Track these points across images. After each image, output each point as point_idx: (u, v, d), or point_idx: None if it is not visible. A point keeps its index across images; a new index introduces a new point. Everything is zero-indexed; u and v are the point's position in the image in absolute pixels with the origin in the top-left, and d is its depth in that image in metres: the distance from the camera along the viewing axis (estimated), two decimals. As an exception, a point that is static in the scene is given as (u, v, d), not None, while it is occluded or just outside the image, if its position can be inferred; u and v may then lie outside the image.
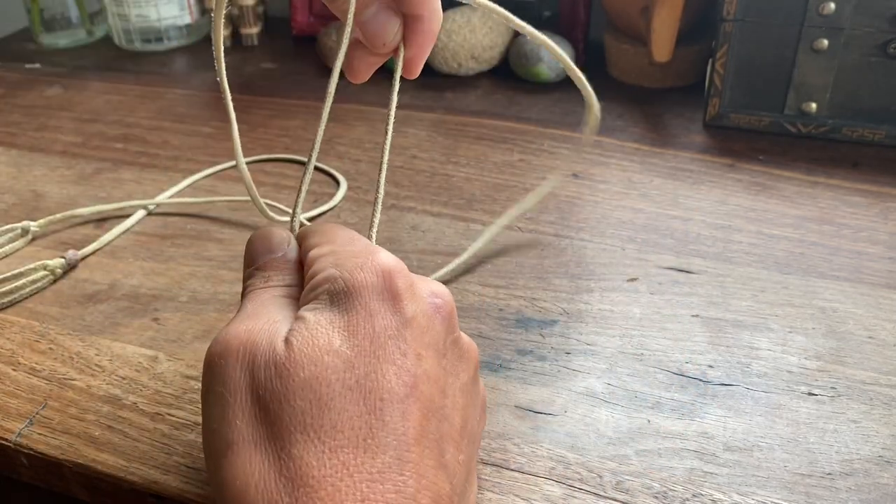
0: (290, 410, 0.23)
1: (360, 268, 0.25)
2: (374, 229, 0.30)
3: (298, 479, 0.21)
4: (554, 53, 0.35)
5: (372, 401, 0.23)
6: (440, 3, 0.30)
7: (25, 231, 0.47)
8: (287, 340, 0.24)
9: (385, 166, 0.31)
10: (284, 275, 0.28)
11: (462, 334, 0.27)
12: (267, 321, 0.25)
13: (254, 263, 0.29)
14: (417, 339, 0.24)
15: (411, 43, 0.30)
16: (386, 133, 0.31)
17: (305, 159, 0.56)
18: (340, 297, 0.25)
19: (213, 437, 0.24)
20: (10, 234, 0.47)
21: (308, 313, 0.25)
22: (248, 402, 0.23)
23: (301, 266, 0.29)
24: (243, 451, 0.23)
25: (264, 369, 0.24)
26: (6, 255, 0.46)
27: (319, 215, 0.49)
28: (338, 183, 0.53)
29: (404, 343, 0.24)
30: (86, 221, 0.49)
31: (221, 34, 0.31)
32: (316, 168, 0.55)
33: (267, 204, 0.48)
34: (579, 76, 0.38)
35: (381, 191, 0.31)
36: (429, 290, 0.26)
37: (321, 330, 0.24)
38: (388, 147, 0.31)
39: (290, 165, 0.56)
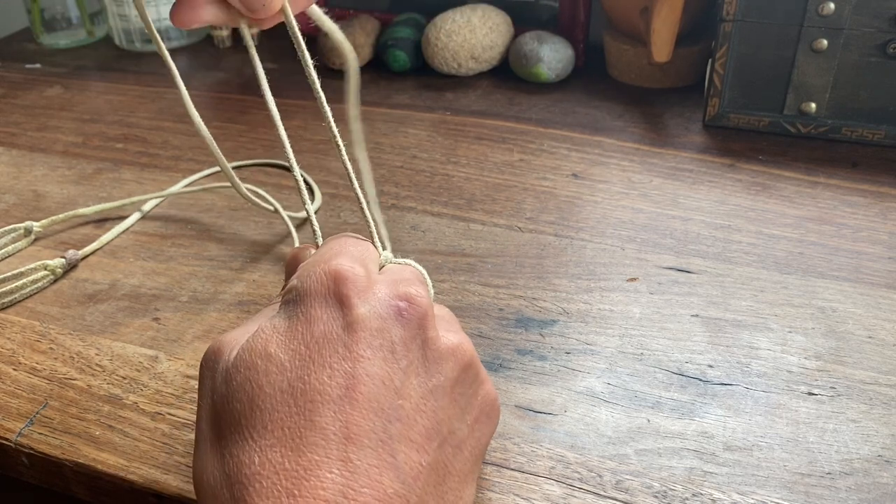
0: (230, 411, 0.24)
1: (310, 275, 0.26)
2: (380, 229, 0.31)
3: (234, 476, 0.23)
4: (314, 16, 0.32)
5: (302, 402, 0.24)
6: None
7: (28, 231, 0.47)
8: (240, 347, 0.26)
9: (338, 140, 0.32)
10: None
11: (443, 337, 0.27)
12: (245, 330, 0.27)
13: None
14: (362, 342, 0.25)
15: None
16: (323, 106, 0.31)
17: (300, 165, 0.56)
18: (290, 304, 0.26)
19: (194, 435, 0.26)
20: (13, 234, 0.47)
21: (265, 321, 0.26)
22: (209, 404, 0.26)
23: None
24: (202, 449, 0.25)
25: (219, 374, 0.26)
26: (8, 256, 0.46)
27: (301, 224, 0.49)
28: (312, 193, 0.51)
29: (343, 346, 0.25)
30: (87, 222, 0.49)
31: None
32: (292, 172, 0.54)
33: (257, 194, 0.48)
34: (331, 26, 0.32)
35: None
36: (395, 293, 0.26)
37: (262, 336, 0.25)
38: (330, 119, 0.32)
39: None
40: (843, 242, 0.45)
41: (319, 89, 0.31)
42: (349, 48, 0.31)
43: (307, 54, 0.30)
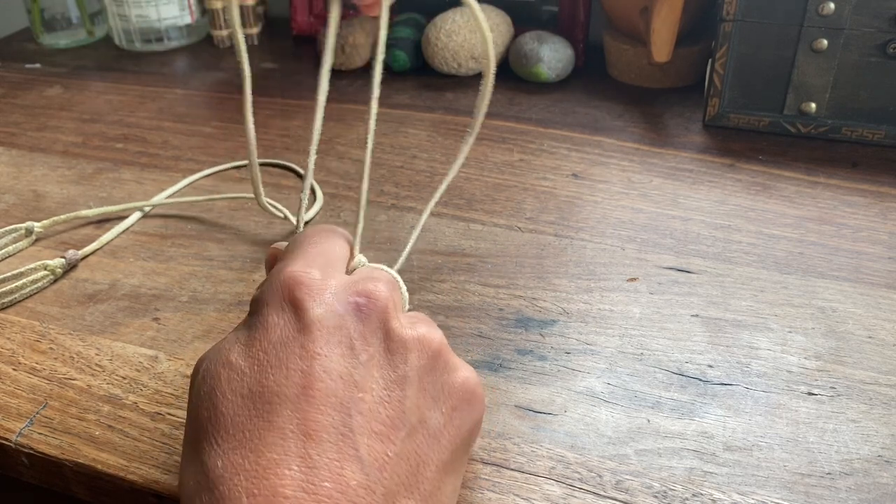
0: (199, 420, 0.25)
1: (267, 285, 0.27)
2: (360, 226, 0.32)
3: (203, 482, 0.24)
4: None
5: (261, 405, 0.24)
6: None
7: (30, 231, 0.47)
8: (206, 360, 0.27)
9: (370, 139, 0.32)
10: None
11: (407, 328, 0.27)
12: (218, 345, 0.28)
13: None
14: (319, 340, 0.25)
15: None
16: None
17: (294, 165, 0.56)
18: (252, 315, 0.27)
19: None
20: (14, 235, 0.47)
21: (231, 333, 0.27)
22: (189, 415, 0.27)
23: None
24: (183, 459, 0.26)
25: (194, 387, 0.27)
26: (9, 256, 0.46)
27: (308, 223, 0.49)
28: (314, 194, 0.51)
29: (299, 347, 0.25)
30: (89, 222, 0.49)
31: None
32: (299, 176, 0.55)
33: (269, 203, 0.48)
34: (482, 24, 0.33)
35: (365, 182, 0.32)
36: (352, 290, 0.27)
37: (225, 346, 0.26)
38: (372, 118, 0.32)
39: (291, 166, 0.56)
40: (843, 242, 0.45)
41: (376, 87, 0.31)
42: (492, 51, 0.31)
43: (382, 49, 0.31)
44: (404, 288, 0.31)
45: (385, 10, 0.30)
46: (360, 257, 0.31)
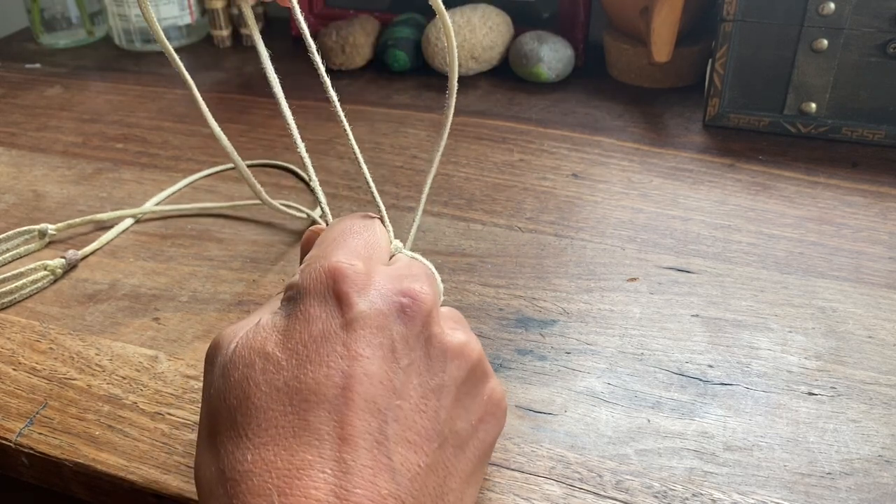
0: (226, 408, 0.24)
1: (309, 273, 0.26)
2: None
3: (228, 473, 0.23)
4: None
5: (297, 402, 0.24)
6: None
7: (43, 234, 0.47)
8: (238, 343, 0.26)
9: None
10: None
11: (448, 334, 0.26)
12: (246, 323, 0.27)
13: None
14: (361, 340, 0.24)
15: None
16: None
17: (293, 166, 0.56)
18: (290, 302, 0.26)
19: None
20: (27, 236, 0.46)
21: (265, 316, 0.26)
22: (208, 397, 0.26)
23: None
24: (201, 443, 0.25)
25: (217, 368, 0.26)
26: (20, 257, 0.46)
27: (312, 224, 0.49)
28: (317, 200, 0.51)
29: (341, 345, 0.24)
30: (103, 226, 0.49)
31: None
32: (302, 179, 0.55)
33: (284, 204, 0.48)
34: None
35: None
36: (398, 289, 0.26)
37: (262, 333, 0.25)
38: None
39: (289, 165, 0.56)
40: (843, 242, 0.45)
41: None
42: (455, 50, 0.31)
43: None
44: (439, 279, 0.30)
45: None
46: (396, 242, 0.31)
